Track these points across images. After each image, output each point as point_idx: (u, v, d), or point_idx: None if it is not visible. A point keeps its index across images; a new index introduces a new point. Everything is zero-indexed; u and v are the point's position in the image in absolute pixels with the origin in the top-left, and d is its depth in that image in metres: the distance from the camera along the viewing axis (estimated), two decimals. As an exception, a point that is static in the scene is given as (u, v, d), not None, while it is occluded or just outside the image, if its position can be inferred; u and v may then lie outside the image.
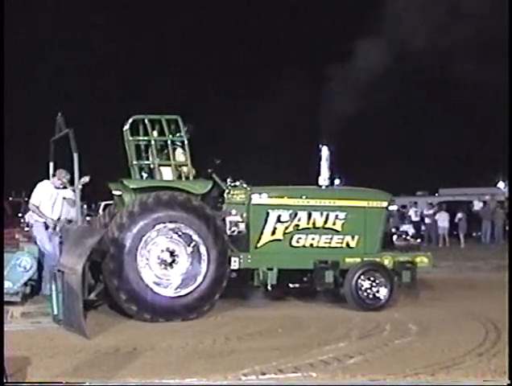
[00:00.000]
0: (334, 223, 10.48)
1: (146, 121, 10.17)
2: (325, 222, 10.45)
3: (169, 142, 10.08)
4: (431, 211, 25.76)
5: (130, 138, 10.21)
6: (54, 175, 10.88)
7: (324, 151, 11.59)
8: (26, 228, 21.41)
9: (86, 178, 10.11)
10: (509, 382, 6.06)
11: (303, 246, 10.39)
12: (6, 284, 9.50)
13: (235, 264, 9.93)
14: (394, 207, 11.36)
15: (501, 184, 39.98)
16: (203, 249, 9.55)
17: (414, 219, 26.68)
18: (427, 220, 25.88)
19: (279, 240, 10.33)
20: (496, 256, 18.24)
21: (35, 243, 10.49)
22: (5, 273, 9.49)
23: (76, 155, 9.05)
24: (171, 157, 10.07)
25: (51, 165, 10.97)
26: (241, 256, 10.04)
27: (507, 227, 25.87)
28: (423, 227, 25.90)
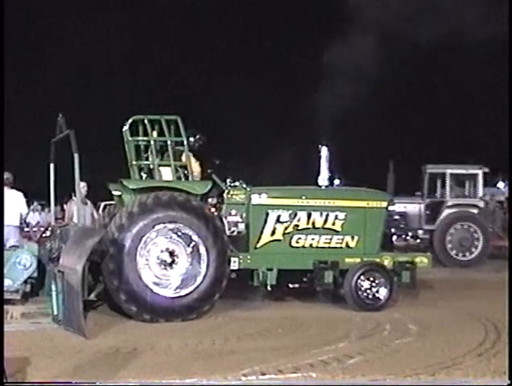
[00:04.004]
0: (334, 224, 10.48)
1: (145, 121, 10.17)
2: (325, 222, 10.45)
3: (169, 143, 10.07)
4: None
5: (130, 138, 10.21)
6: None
7: (324, 151, 11.61)
8: (26, 229, 21.37)
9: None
10: (509, 382, 6.07)
11: (303, 246, 10.39)
12: (6, 282, 9.49)
13: (235, 264, 9.94)
14: (393, 208, 11.36)
15: (500, 184, 39.96)
16: (202, 249, 9.54)
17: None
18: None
19: (279, 240, 10.33)
20: (496, 257, 18.26)
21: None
22: (5, 270, 9.49)
23: (76, 156, 9.03)
24: (171, 157, 10.06)
25: (52, 166, 10.96)
26: (241, 257, 10.04)
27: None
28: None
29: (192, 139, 10.26)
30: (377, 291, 10.14)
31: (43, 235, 12.66)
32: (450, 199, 18.41)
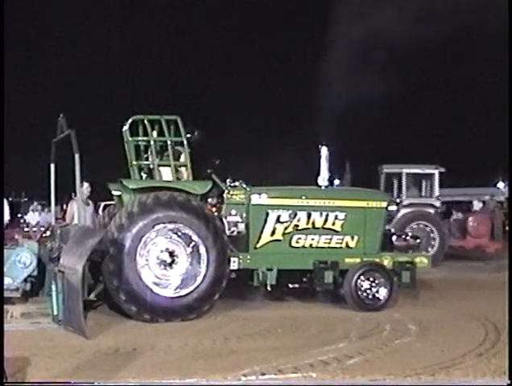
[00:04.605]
0: (333, 224, 10.47)
1: (145, 121, 10.17)
2: (325, 222, 10.44)
3: (169, 142, 10.07)
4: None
5: (130, 138, 10.21)
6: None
7: (324, 151, 11.59)
8: (26, 228, 21.34)
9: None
10: (509, 382, 6.07)
11: (303, 246, 10.39)
12: (6, 280, 9.51)
13: (234, 264, 9.93)
14: (393, 208, 11.35)
15: (500, 184, 40.01)
16: (202, 249, 9.54)
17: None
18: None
19: (279, 240, 10.33)
20: (496, 256, 18.25)
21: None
22: (5, 269, 9.50)
23: (77, 156, 9.03)
24: (171, 157, 10.06)
25: (52, 166, 10.96)
26: (241, 257, 10.04)
27: (507, 228, 25.86)
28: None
29: (188, 135, 10.21)
30: (377, 291, 10.13)
31: (44, 235, 12.66)
32: (406, 199, 18.45)
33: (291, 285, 10.65)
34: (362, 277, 10.14)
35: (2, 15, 9.72)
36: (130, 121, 10.18)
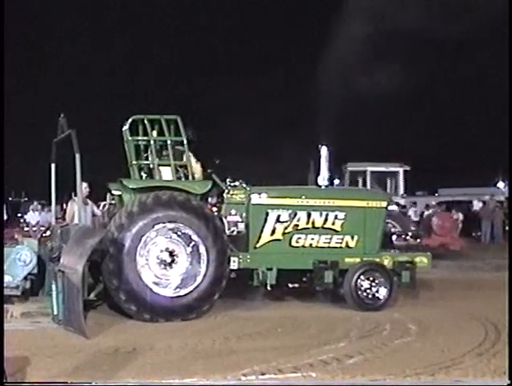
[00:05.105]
0: (333, 223, 10.47)
1: (145, 121, 10.17)
2: (325, 222, 10.44)
3: (169, 142, 10.07)
4: (430, 211, 25.75)
5: (130, 138, 10.21)
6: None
7: (324, 151, 11.59)
8: (26, 228, 21.35)
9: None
10: (509, 382, 6.08)
11: (303, 246, 10.38)
12: (6, 278, 9.51)
13: (234, 264, 9.93)
14: (393, 207, 11.35)
15: (500, 184, 40.01)
16: (202, 249, 9.54)
17: (414, 219, 26.66)
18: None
19: (279, 240, 10.32)
20: (496, 256, 18.25)
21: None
22: (5, 267, 9.49)
23: (78, 156, 9.03)
24: (171, 157, 10.06)
25: (53, 166, 10.96)
26: (241, 256, 10.04)
27: (507, 227, 25.91)
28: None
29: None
30: (377, 291, 10.13)
31: (44, 234, 12.67)
32: None
33: (290, 285, 10.65)
34: (362, 277, 10.13)
35: (2, 15, 9.73)
36: (129, 120, 10.18)
